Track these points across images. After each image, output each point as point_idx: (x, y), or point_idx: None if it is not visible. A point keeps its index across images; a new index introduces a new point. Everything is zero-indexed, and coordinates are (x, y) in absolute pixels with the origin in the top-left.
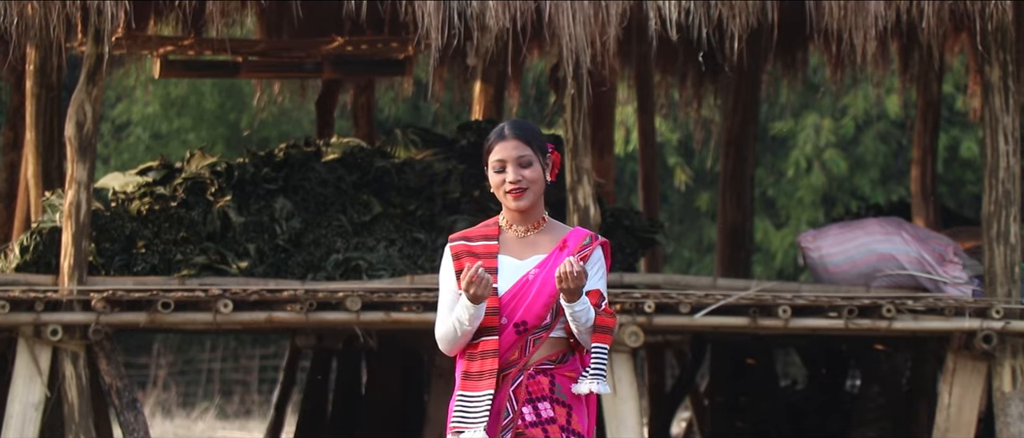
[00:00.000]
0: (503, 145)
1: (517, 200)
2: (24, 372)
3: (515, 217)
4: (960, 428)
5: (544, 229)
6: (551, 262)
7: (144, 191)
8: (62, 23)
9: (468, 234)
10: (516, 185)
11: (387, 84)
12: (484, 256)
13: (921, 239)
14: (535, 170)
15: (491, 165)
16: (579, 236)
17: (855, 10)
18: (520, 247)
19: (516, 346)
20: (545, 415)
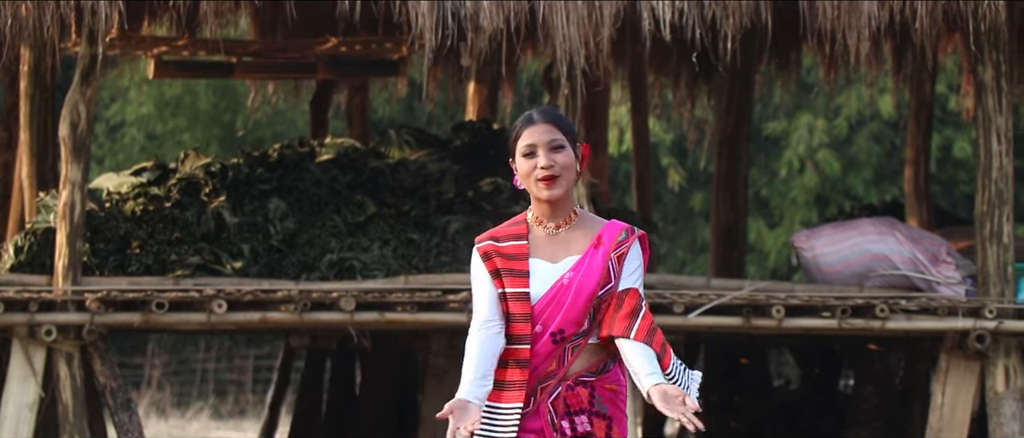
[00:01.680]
0: (533, 129)
1: (549, 188)
2: (18, 373)
3: (545, 211)
4: (953, 428)
5: (576, 224)
6: (586, 262)
7: (138, 192)
8: (56, 23)
9: (495, 234)
10: (548, 171)
11: (381, 84)
12: (514, 257)
13: (914, 239)
14: (567, 155)
15: (520, 151)
16: (615, 231)
17: (848, 11)
18: (552, 247)
19: (553, 356)
20: (582, 429)
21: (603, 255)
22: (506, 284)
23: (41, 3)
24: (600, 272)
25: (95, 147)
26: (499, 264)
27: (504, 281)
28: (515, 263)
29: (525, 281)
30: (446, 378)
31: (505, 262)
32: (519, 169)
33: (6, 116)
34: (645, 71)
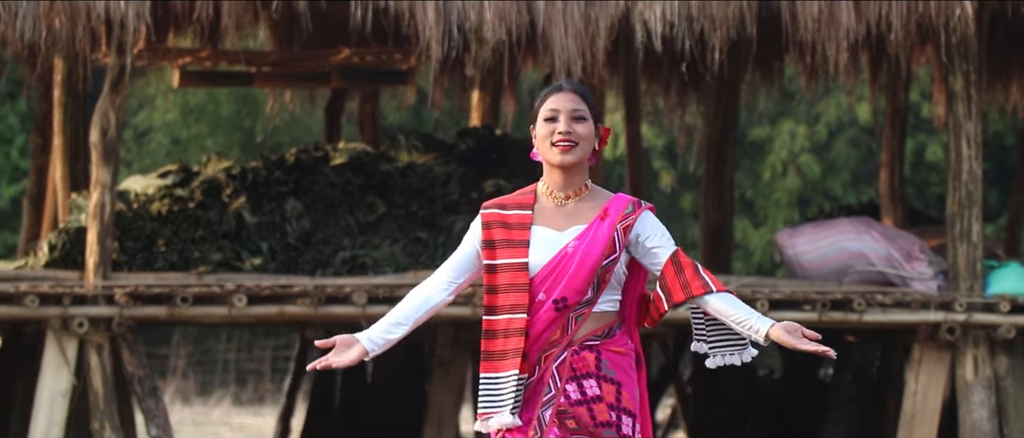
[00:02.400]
0: (560, 96)
1: (564, 154)
2: (52, 362)
3: (557, 181)
4: (925, 414)
5: (586, 197)
6: (592, 233)
7: (164, 193)
8: (87, 36)
9: (504, 202)
10: (566, 137)
11: (391, 93)
12: (516, 226)
13: (889, 238)
14: (587, 127)
15: (542, 114)
16: (621, 204)
17: (828, 23)
18: (559, 217)
19: (557, 324)
20: (591, 393)
21: (609, 226)
22: (500, 255)
23: (73, 17)
24: (605, 242)
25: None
26: (496, 235)
27: (498, 252)
28: (515, 232)
29: (524, 251)
30: (452, 367)
31: (505, 232)
32: (538, 132)
33: (41, 123)
34: (638, 80)
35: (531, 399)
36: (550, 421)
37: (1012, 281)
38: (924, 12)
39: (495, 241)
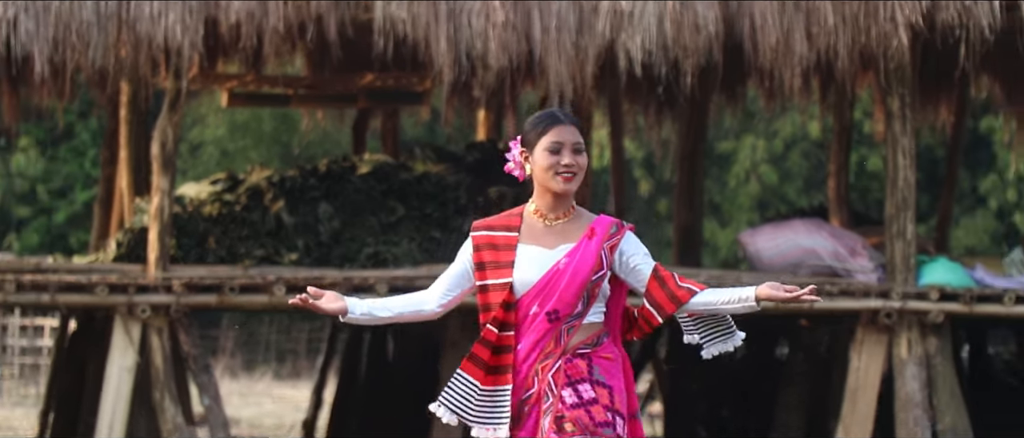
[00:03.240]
0: (563, 129)
1: (567, 183)
2: (120, 343)
3: (548, 204)
4: (867, 387)
5: (573, 218)
6: (581, 250)
7: (214, 198)
8: (149, 63)
9: (491, 223)
10: (570, 169)
11: (409, 111)
12: (503, 247)
13: (836, 236)
14: (585, 158)
15: (545, 145)
16: (606, 224)
17: (784, 52)
18: (548, 236)
19: (551, 335)
20: (587, 396)
21: (597, 244)
22: (490, 276)
23: (137, 47)
24: (594, 259)
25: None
26: (486, 256)
27: (487, 273)
28: (502, 254)
29: (509, 271)
30: (460, 348)
31: (492, 254)
32: (540, 162)
33: (109, 138)
34: (621, 100)
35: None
36: (549, 427)
37: (940, 273)
38: (866, 43)
39: (485, 263)
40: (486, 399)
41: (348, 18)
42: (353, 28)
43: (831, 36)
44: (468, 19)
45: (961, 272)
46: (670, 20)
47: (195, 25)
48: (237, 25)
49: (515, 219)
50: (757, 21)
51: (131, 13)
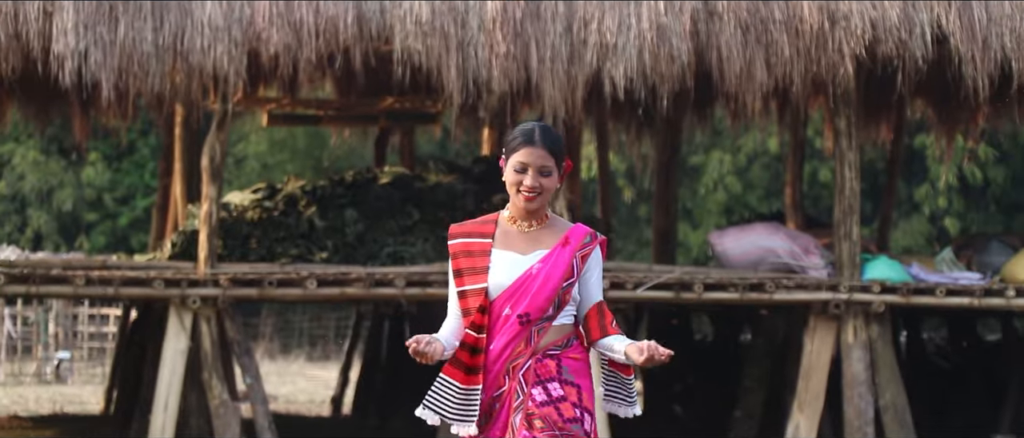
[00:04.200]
0: (530, 151)
1: (528, 203)
2: (174, 329)
3: (521, 214)
4: (819, 367)
5: (547, 225)
6: (554, 257)
7: (255, 204)
8: (199, 88)
9: (468, 230)
10: (532, 191)
11: (423, 130)
12: (478, 254)
13: (792, 237)
14: (552, 180)
15: (512, 164)
16: (580, 234)
17: (747, 78)
18: (523, 242)
19: (521, 336)
20: (556, 394)
21: (569, 252)
22: (467, 282)
23: (189, 74)
24: (565, 266)
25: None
26: (463, 264)
27: (465, 279)
28: (477, 260)
29: (484, 277)
30: None
31: (469, 260)
32: (508, 177)
33: (165, 152)
34: (607, 120)
35: (503, 407)
36: (520, 424)
37: (881, 270)
38: (817, 71)
39: (462, 270)
40: (461, 397)
41: (371, 50)
42: (375, 58)
43: (787, 65)
44: (474, 51)
45: (899, 269)
46: (649, 52)
47: (239, 56)
48: (275, 56)
49: (490, 226)
50: (724, 52)
51: (185, 45)
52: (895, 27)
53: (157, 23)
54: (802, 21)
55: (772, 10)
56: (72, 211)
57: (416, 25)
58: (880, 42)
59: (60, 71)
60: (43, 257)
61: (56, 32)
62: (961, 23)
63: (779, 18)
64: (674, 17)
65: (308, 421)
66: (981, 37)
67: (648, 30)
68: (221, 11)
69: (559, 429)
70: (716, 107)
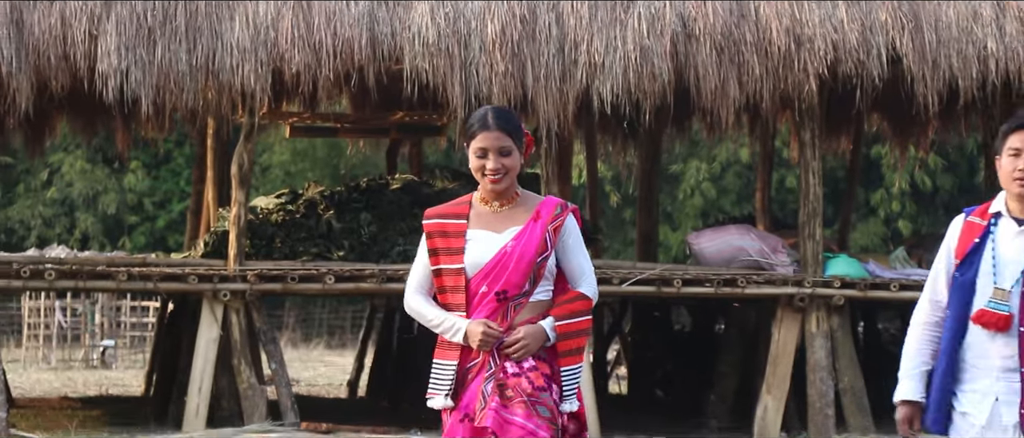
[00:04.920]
0: (487, 135)
1: (495, 184)
2: (207, 319)
3: (491, 194)
4: (785, 354)
5: (518, 202)
6: (527, 233)
7: (279, 208)
8: (229, 104)
9: (443, 211)
10: (496, 172)
11: (430, 141)
12: (454, 234)
13: (762, 238)
14: (513, 159)
15: (473, 150)
16: (550, 206)
17: (721, 95)
18: (496, 221)
19: (498, 312)
20: (527, 366)
21: (541, 227)
22: (442, 261)
23: (220, 91)
24: (538, 241)
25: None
26: (438, 243)
27: (441, 258)
28: (453, 240)
29: (460, 257)
30: None
31: (444, 240)
32: (471, 164)
33: (199, 161)
34: (595, 132)
35: (475, 377)
36: (492, 391)
37: (842, 267)
38: (784, 88)
39: (438, 249)
40: (438, 371)
41: (383, 69)
42: (387, 76)
43: (757, 83)
44: (476, 70)
45: (857, 266)
46: (633, 71)
47: (265, 74)
48: (297, 74)
49: (464, 207)
50: (700, 71)
51: (216, 65)
52: (854, 49)
53: (191, 45)
54: (771, 43)
55: (744, 33)
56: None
57: (424, 47)
58: (841, 63)
59: (104, 88)
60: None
61: (101, 54)
62: (913, 46)
63: (750, 40)
64: (656, 39)
65: (327, 402)
66: (931, 58)
67: (632, 51)
68: (248, 34)
69: (528, 395)
70: (693, 120)
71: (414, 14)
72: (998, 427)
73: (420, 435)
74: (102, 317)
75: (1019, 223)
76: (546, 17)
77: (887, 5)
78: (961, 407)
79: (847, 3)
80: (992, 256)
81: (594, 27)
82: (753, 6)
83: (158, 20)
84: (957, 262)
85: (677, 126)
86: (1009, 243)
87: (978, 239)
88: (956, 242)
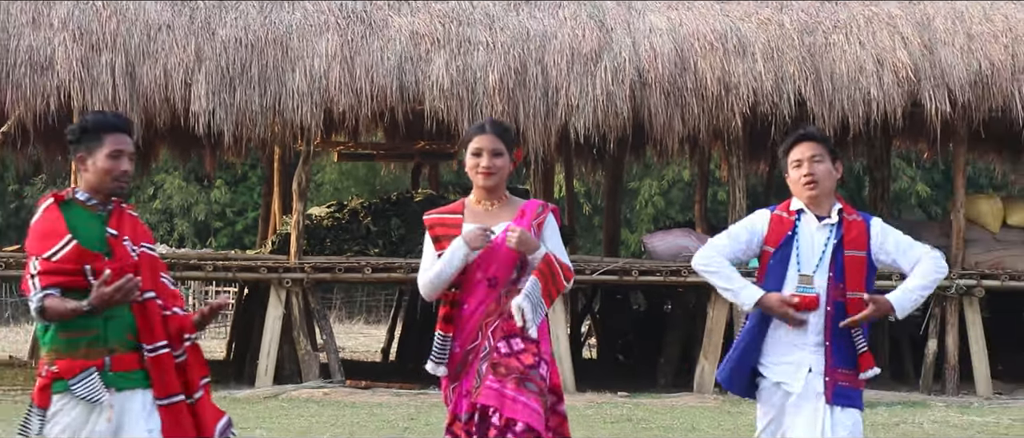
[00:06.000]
0: (482, 137)
1: (486, 180)
2: (273, 301)
3: (482, 194)
4: (718, 328)
5: (507, 203)
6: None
7: (329, 215)
8: (290, 135)
9: (441, 211)
10: (487, 170)
11: (445, 165)
12: (452, 226)
13: (700, 239)
14: (504, 160)
15: (470, 150)
16: (533, 206)
17: (668, 129)
18: (487, 218)
19: (491, 297)
20: (517, 347)
21: (526, 223)
22: (444, 244)
23: (283, 126)
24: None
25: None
26: (439, 231)
27: (443, 243)
28: (451, 229)
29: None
30: None
31: (444, 229)
32: (467, 165)
33: (267, 179)
34: (572, 156)
35: (475, 359)
36: (487, 370)
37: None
38: (716, 124)
39: (439, 236)
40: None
41: (409, 108)
42: (412, 114)
43: (696, 120)
44: (480, 109)
45: None
46: (600, 110)
47: (318, 113)
48: (343, 113)
49: (458, 206)
50: (652, 111)
51: (281, 106)
52: (769, 94)
53: (262, 91)
54: (706, 89)
55: (685, 82)
56: (204, 220)
57: (440, 91)
58: (759, 104)
59: (196, 124)
60: (184, 252)
61: (193, 97)
62: (815, 92)
63: (690, 87)
64: (618, 87)
65: (365, 365)
66: (828, 101)
67: (600, 95)
68: (305, 82)
69: (520, 373)
70: (647, 148)
71: (433, 67)
72: (811, 394)
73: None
74: (194, 299)
75: (819, 219)
76: (534, 69)
77: (795, 60)
78: (773, 377)
79: (764, 59)
80: (798, 246)
81: (571, 77)
82: (693, 61)
83: (237, 72)
84: (772, 250)
85: (634, 153)
86: (812, 235)
87: (789, 232)
88: (766, 230)
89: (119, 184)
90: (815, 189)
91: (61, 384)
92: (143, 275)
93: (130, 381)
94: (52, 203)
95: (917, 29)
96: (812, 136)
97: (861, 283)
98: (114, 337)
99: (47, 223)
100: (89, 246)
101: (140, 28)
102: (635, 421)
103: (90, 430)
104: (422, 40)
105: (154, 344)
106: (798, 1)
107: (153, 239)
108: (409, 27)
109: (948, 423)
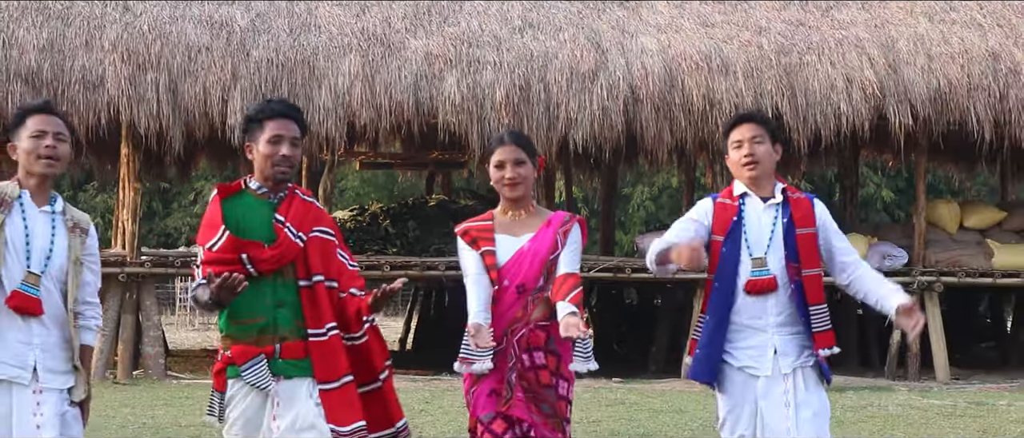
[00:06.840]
0: (504, 149)
1: (512, 190)
2: None
3: (510, 205)
4: None
5: (533, 214)
6: (540, 236)
7: (352, 218)
8: (317, 146)
9: (472, 221)
10: (512, 180)
11: (457, 172)
12: (482, 237)
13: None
14: (527, 169)
15: (493, 161)
16: (560, 216)
17: (658, 140)
18: (515, 227)
19: (519, 304)
20: (538, 362)
21: (553, 231)
22: (482, 246)
23: (311, 139)
24: (550, 242)
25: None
26: (474, 234)
27: (480, 244)
28: (483, 234)
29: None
30: None
31: (478, 232)
32: (492, 177)
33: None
34: (571, 165)
35: (500, 364)
36: (517, 380)
37: None
38: (702, 136)
39: (476, 239)
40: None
41: (424, 121)
42: (427, 127)
43: (684, 133)
44: (488, 123)
45: None
46: (597, 123)
47: (342, 127)
48: (365, 125)
49: (487, 216)
50: (644, 124)
51: (307, 119)
52: (750, 108)
53: None
54: (692, 104)
55: (674, 98)
56: None
57: (452, 106)
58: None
59: (232, 136)
60: None
61: (229, 112)
62: (790, 107)
63: (678, 103)
64: (613, 102)
65: None
66: (802, 116)
67: (597, 110)
68: (330, 98)
69: (535, 392)
70: (639, 158)
71: (445, 84)
72: (778, 375)
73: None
74: None
75: (764, 201)
76: (537, 87)
77: (772, 78)
78: (738, 362)
79: (744, 77)
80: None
81: (570, 93)
82: (680, 79)
83: (268, 88)
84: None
85: (628, 162)
86: (758, 218)
87: (735, 217)
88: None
89: (279, 169)
90: (755, 169)
91: (234, 370)
92: (312, 259)
93: (299, 369)
94: (215, 195)
95: (882, 51)
96: (752, 117)
97: (816, 260)
98: (284, 325)
99: (208, 215)
100: (249, 235)
101: (182, 50)
102: (628, 404)
103: (267, 422)
104: (436, 60)
105: (318, 328)
106: (775, 25)
107: (332, 223)
108: (424, 49)
109: (910, 406)
